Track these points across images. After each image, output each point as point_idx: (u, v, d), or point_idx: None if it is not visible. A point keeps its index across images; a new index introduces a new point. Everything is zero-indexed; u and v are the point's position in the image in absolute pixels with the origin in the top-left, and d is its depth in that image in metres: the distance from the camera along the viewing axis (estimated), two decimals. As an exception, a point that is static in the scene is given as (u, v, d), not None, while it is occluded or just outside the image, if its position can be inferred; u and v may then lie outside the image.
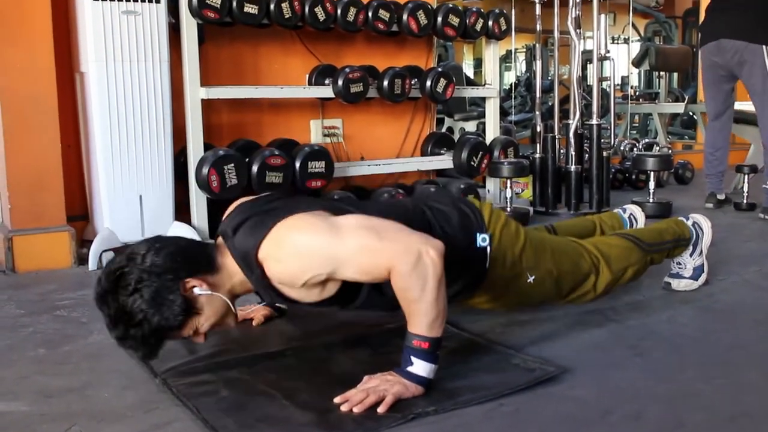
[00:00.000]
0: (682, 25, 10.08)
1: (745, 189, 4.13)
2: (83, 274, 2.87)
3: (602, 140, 4.09)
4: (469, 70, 11.20)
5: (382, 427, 1.44)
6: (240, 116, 3.68)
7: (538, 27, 4.32)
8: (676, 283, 2.43)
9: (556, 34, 4.31)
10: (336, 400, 1.52)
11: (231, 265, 1.68)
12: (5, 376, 1.79)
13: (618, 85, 8.65)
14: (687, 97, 7.39)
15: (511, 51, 10.78)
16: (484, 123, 4.49)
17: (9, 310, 2.39)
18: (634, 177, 5.05)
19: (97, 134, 2.95)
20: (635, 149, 5.87)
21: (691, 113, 7.70)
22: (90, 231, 3.16)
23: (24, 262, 2.90)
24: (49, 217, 2.99)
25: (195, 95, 3.22)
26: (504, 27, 4.11)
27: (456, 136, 4.45)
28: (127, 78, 2.96)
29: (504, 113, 7.71)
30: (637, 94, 8.77)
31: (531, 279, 1.97)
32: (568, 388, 1.65)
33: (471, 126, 6.93)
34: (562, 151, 4.27)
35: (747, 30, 3.82)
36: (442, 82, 3.83)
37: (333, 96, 3.58)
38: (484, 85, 4.33)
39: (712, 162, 4.19)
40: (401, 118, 4.19)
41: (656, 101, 7.50)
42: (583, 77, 4.70)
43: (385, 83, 3.65)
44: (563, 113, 4.47)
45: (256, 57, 3.71)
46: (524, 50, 11.29)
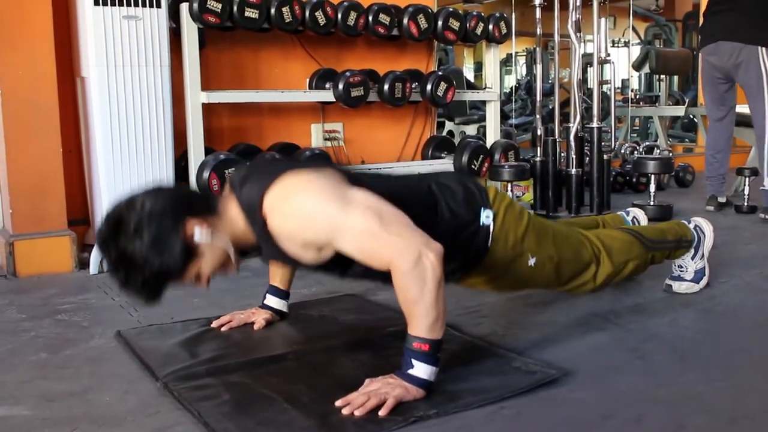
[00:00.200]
0: (682, 28, 10.08)
1: (746, 192, 4.13)
2: (84, 278, 2.87)
3: (603, 143, 4.09)
4: (469, 74, 11.22)
5: (384, 431, 1.44)
6: (241, 120, 3.68)
7: (539, 30, 4.33)
8: (677, 286, 2.43)
9: (557, 37, 4.31)
10: (337, 403, 1.52)
11: (233, 212, 1.68)
12: (7, 380, 1.79)
13: (618, 88, 8.66)
14: (687, 100, 7.41)
15: (511, 54, 10.79)
16: (484, 126, 4.49)
17: (10, 314, 2.39)
18: (634, 180, 5.05)
19: (98, 138, 2.95)
20: (636, 152, 5.87)
21: (691, 116, 7.70)
22: (91, 235, 3.16)
23: (25, 267, 2.90)
24: (50, 221, 3.00)
25: (196, 99, 3.22)
26: (504, 31, 4.12)
27: (456, 140, 4.45)
28: (128, 82, 2.96)
29: (504, 117, 7.71)
30: (638, 97, 8.79)
31: (532, 262, 1.95)
32: (569, 391, 1.65)
33: (471, 130, 6.94)
34: (562, 155, 4.27)
35: (743, 31, 3.85)
36: (443, 86, 3.84)
37: (334, 100, 3.58)
38: (484, 89, 4.32)
39: (713, 164, 4.19)
40: (402, 122, 4.19)
41: (657, 104, 7.51)
42: (584, 80, 4.69)
43: (386, 87, 3.65)
44: (564, 116, 4.47)
45: (257, 61, 3.72)
46: (524, 54, 11.30)
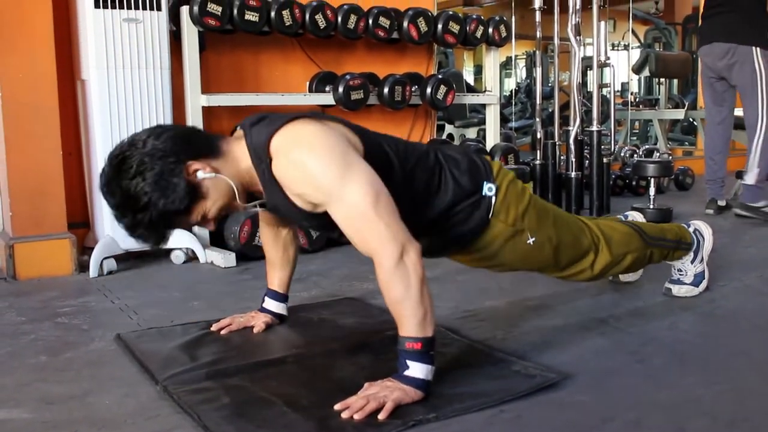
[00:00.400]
0: (681, 32, 10.09)
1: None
2: (84, 281, 2.87)
3: (602, 146, 4.09)
4: (469, 77, 11.24)
5: (383, 434, 1.44)
6: (241, 123, 3.68)
7: (538, 34, 4.33)
8: (676, 289, 2.43)
9: (556, 40, 4.32)
10: (336, 407, 1.52)
11: (240, 151, 1.69)
12: (6, 383, 1.79)
13: (618, 91, 8.68)
14: (687, 104, 7.40)
15: (511, 57, 10.80)
16: (484, 130, 4.49)
17: (10, 317, 2.39)
18: (634, 183, 5.05)
19: (98, 141, 2.95)
20: (635, 155, 5.88)
21: (691, 119, 7.71)
22: (91, 238, 3.16)
23: (25, 270, 2.90)
24: (50, 224, 3.00)
25: (196, 102, 3.23)
26: (504, 34, 4.13)
27: (456, 143, 4.46)
28: (128, 85, 2.97)
29: (504, 120, 7.72)
30: (638, 100, 8.78)
31: (531, 240, 1.94)
32: (569, 394, 1.65)
33: (471, 133, 6.95)
34: (562, 158, 4.27)
35: (739, 32, 3.89)
36: (443, 89, 3.84)
37: (333, 103, 3.59)
38: (484, 92, 4.33)
39: (711, 167, 4.20)
40: (402, 125, 4.20)
41: (656, 107, 7.51)
42: (583, 84, 4.70)
43: (386, 90, 3.66)
44: (563, 120, 4.47)
45: (257, 64, 3.72)
46: (524, 57, 11.31)
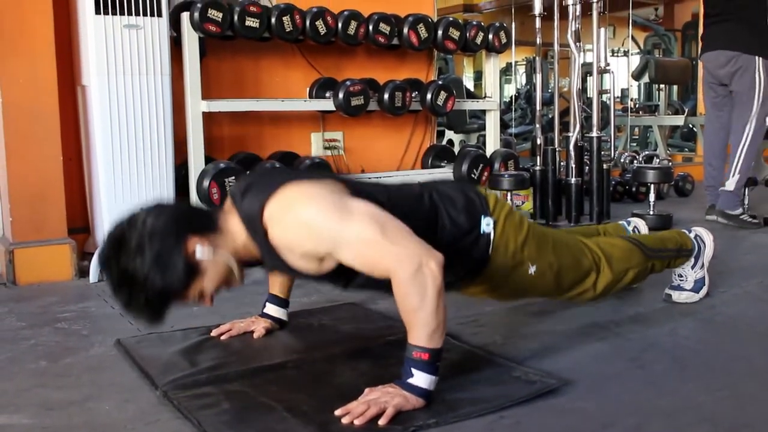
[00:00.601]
0: (681, 38, 10.10)
1: (746, 201, 4.13)
2: (84, 286, 2.87)
3: (602, 153, 4.10)
4: (469, 83, 11.23)
5: (384, 440, 1.44)
6: (241, 129, 3.69)
7: (538, 40, 4.34)
8: (677, 295, 2.43)
9: (556, 47, 4.32)
10: (337, 412, 1.52)
11: (235, 226, 1.68)
12: (6, 388, 1.79)
13: (618, 97, 8.68)
14: (687, 110, 7.41)
15: (510, 64, 10.81)
16: (484, 136, 4.49)
17: (10, 322, 2.39)
18: (634, 189, 5.06)
19: (99, 147, 2.96)
20: (635, 161, 5.88)
21: (690, 126, 7.72)
22: (91, 243, 3.16)
23: (25, 275, 2.90)
24: (50, 229, 3.00)
25: (196, 108, 3.23)
26: (504, 40, 4.13)
27: (456, 149, 4.46)
28: (128, 91, 2.97)
29: (504, 126, 7.72)
30: (637, 106, 8.80)
31: (532, 270, 1.95)
32: (569, 400, 1.65)
33: (471, 139, 6.95)
34: (562, 164, 4.27)
35: (742, 41, 3.93)
36: (443, 95, 3.85)
37: (334, 109, 3.59)
38: (484, 98, 4.33)
39: (710, 173, 4.21)
40: (402, 131, 4.20)
41: (656, 114, 7.51)
42: (583, 90, 4.70)
43: (386, 96, 3.66)
44: (563, 126, 4.48)
45: (257, 70, 3.73)
46: (524, 63, 11.32)
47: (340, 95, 3.52)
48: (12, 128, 2.92)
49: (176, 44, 3.23)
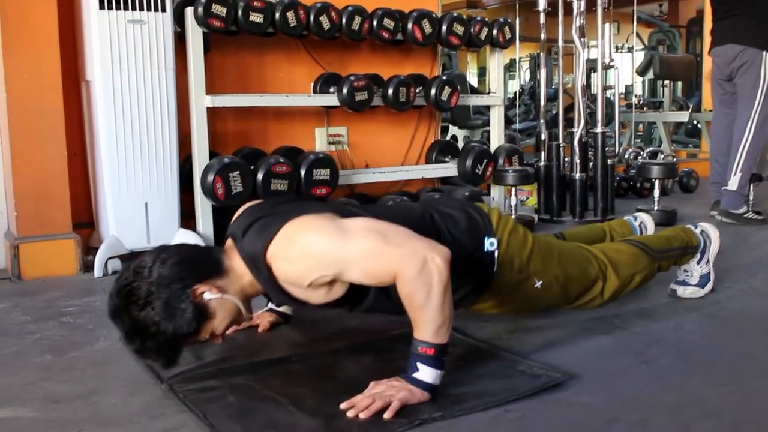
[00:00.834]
0: (686, 34, 10.07)
1: (751, 197, 4.12)
2: (89, 281, 2.88)
3: (607, 148, 4.09)
4: (473, 79, 11.22)
5: (389, 433, 1.44)
6: (245, 124, 3.69)
7: (543, 36, 4.33)
8: (681, 290, 2.43)
9: (560, 42, 4.31)
10: (342, 405, 1.53)
11: (239, 266, 1.69)
12: (12, 382, 1.79)
13: (622, 93, 8.67)
14: (691, 106, 7.39)
15: (514, 59, 10.79)
16: (488, 131, 4.49)
17: (15, 316, 2.39)
18: (638, 185, 5.05)
19: (103, 142, 2.96)
20: (639, 157, 5.87)
21: (695, 122, 7.69)
22: (96, 238, 3.16)
23: (30, 270, 2.90)
24: (54, 224, 3.00)
25: (200, 103, 3.23)
26: (508, 36, 4.12)
27: (460, 145, 4.46)
28: (132, 86, 2.97)
29: (508, 122, 7.70)
30: (641, 102, 8.77)
31: (538, 284, 1.97)
32: (574, 394, 1.65)
33: (475, 134, 6.94)
34: (566, 159, 4.27)
35: (751, 35, 3.91)
36: (447, 90, 3.84)
37: (338, 104, 3.59)
38: (488, 94, 4.33)
39: (716, 169, 4.19)
40: (406, 126, 4.20)
41: (660, 110, 7.49)
42: (587, 86, 4.69)
43: (390, 91, 3.65)
44: (567, 122, 4.47)
45: (261, 65, 3.72)
46: (528, 59, 11.30)
47: (344, 90, 3.52)
48: (16, 124, 2.92)
49: (180, 39, 3.23)
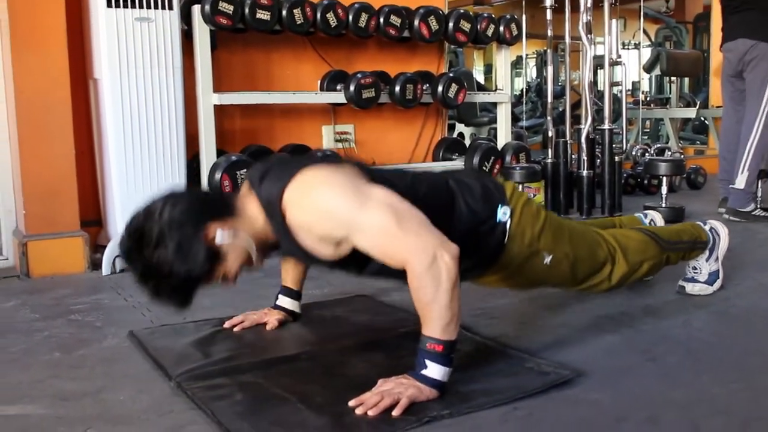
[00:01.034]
0: (692, 30, 10.04)
1: (759, 194, 4.10)
2: (97, 279, 2.88)
3: (614, 145, 4.08)
4: (479, 77, 11.20)
5: (398, 430, 1.44)
6: (252, 122, 3.69)
7: (549, 32, 4.32)
8: (690, 287, 2.42)
9: (567, 39, 4.30)
10: (351, 403, 1.52)
11: (252, 210, 1.70)
12: (21, 379, 1.80)
13: (629, 90, 8.66)
14: (698, 102, 7.37)
15: (521, 57, 10.77)
16: (494, 129, 4.49)
17: (24, 314, 2.40)
18: (646, 182, 5.02)
19: (111, 140, 2.97)
20: (647, 154, 5.85)
21: (702, 118, 7.67)
22: (103, 236, 3.17)
23: (38, 267, 2.91)
24: (62, 222, 3.01)
25: (208, 101, 3.24)
26: (515, 32, 4.12)
27: (467, 142, 4.45)
28: (140, 84, 2.97)
29: (515, 119, 7.69)
30: (648, 99, 8.75)
31: (548, 260, 1.94)
32: (583, 392, 1.64)
33: (482, 132, 6.93)
34: (573, 156, 4.26)
35: (760, 29, 3.88)
36: (454, 87, 3.84)
37: (345, 101, 3.59)
38: (495, 91, 4.32)
39: (725, 167, 4.17)
40: (413, 124, 4.19)
41: (667, 106, 7.47)
42: (594, 82, 4.68)
43: (397, 89, 3.65)
44: (574, 118, 4.46)
45: (268, 63, 3.73)
46: (534, 56, 11.28)
47: (351, 88, 3.52)
48: (25, 121, 2.93)
49: (187, 37, 3.23)
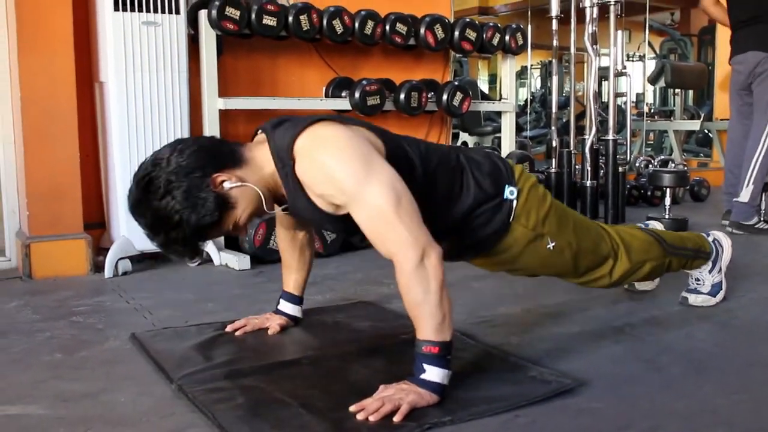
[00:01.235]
0: (697, 43, 10.05)
1: (763, 207, 4.10)
2: (99, 281, 2.88)
3: (618, 156, 4.08)
4: (484, 86, 11.23)
5: (398, 437, 1.43)
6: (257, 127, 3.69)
7: (555, 42, 4.33)
8: (693, 298, 2.41)
9: (573, 49, 4.31)
10: (352, 408, 1.52)
11: (261, 157, 1.71)
12: (22, 379, 1.80)
13: (633, 102, 8.66)
14: (702, 115, 7.37)
15: (525, 67, 10.79)
16: (498, 138, 4.49)
17: (26, 315, 2.40)
18: (649, 193, 5.03)
19: (116, 143, 2.97)
20: (650, 166, 5.85)
21: (706, 131, 7.67)
22: (107, 239, 3.17)
23: (41, 269, 2.91)
24: (66, 224, 3.01)
25: (213, 106, 3.24)
26: (521, 42, 4.13)
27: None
28: (146, 88, 2.98)
29: (518, 129, 7.70)
30: (653, 111, 8.75)
31: (551, 245, 1.93)
32: (585, 400, 1.64)
33: (485, 141, 6.95)
34: (577, 167, 4.26)
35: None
36: (459, 96, 3.85)
37: (350, 108, 3.59)
38: (500, 100, 4.33)
39: (730, 180, 4.16)
40: (417, 132, 4.19)
41: (672, 118, 7.48)
42: (599, 93, 4.69)
43: (402, 96, 3.66)
44: (578, 129, 4.46)
45: (274, 69, 3.73)
46: (539, 66, 11.31)
47: (356, 95, 3.52)
48: (30, 124, 2.93)
49: (193, 42, 3.24)
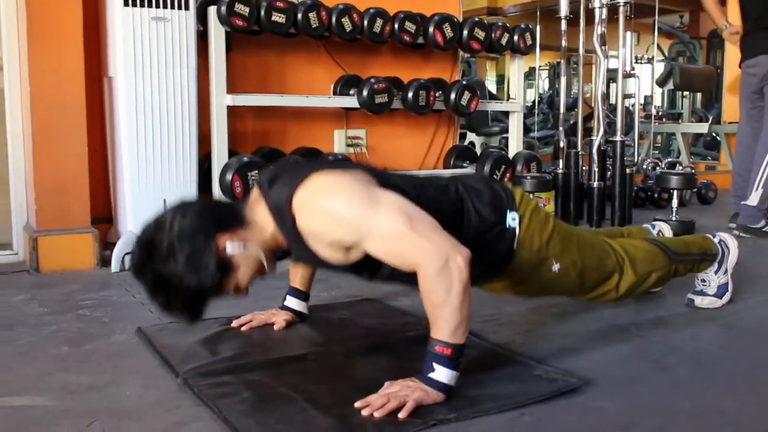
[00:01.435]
0: (706, 46, 10.04)
1: (770, 210, 4.08)
2: (106, 275, 2.89)
3: (625, 157, 4.07)
4: (491, 87, 11.22)
5: (403, 433, 1.43)
6: (264, 124, 3.70)
7: (563, 42, 4.32)
8: (699, 300, 2.40)
9: (581, 51, 4.30)
10: (357, 404, 1.52)
11: (262, 217, 1.69)
12: (29, 372, 1.80)
13: (641, 104, 8.64)
14: (711, 118, 7.34)
15: (533, 68, 10.77)
16: (505, 138, 4.49)
17: (33, 308, 2.41)
18: (656, 195, 5.01)
19: (124, 138, 2.98)
20: (658, 168, 5.84)
21: (714, 134, 7.64)
22: (113, 233, 3.18)
23: (48, 262, 2.92)
24: (73, 218, 3.02)
25: (221, 102, 3.25)
26: (529, 42, 4.12)
27: (478, 151, 4.45)
28: (154, 83, 2.99)
29: (526, 130, 7.69)
30: (661, 113, 8.73)
31: (556, 267, 1.94)
32: (591, 399, 1.63)
33: (493, 142, 6.93)
34: (584, 168, 4.25)
35: None
36: (467, 95, 3.84)
37: (357, 106, 3.59)
38: (508, 100, 4.32)
39: (739, 183, 4.14)
40: (425, 130, 4.20)
41: (680, 121, 7.46)
42: (607, 95, 4.68)
43: (410, 95, 3.66)
44: (586, 130, 4.45)
45: (282, 66, 3.74)
46: (547, 67, 11.29)
47: (365, 93, 3.52)
48: (39, 118, 2.94)
49: (202, 38, 3.25)
